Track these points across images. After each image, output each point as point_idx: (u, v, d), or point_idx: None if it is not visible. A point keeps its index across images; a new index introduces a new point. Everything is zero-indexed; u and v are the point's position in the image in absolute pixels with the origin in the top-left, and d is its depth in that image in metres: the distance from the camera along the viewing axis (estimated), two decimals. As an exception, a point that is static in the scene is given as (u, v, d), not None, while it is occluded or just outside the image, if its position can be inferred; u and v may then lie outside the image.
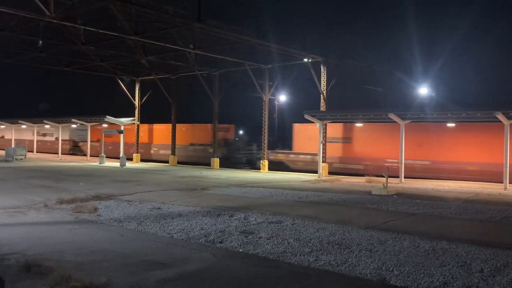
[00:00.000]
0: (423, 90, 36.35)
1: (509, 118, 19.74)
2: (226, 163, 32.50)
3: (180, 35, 23.54)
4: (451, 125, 23.86)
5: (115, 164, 32.09)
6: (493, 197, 16.79)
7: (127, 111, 36.86)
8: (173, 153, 34.59)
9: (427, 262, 7.18)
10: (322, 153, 25.46)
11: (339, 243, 8.43)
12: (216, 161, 31.06)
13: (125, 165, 30.93)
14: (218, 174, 25.95)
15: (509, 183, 19.82)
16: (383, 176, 18.05)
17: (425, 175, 24.74)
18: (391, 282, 6.24)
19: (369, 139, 28.09)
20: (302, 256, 7.52)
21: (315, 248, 8.08)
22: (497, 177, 21.19)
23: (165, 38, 23.32)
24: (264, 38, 23.20)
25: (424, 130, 25.55)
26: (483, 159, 23.64)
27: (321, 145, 25.40)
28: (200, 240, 8.69)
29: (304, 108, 26.44)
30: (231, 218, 11.04)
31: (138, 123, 36.49)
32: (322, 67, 26.61)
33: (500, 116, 19.36)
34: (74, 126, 42.01)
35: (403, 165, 22.97)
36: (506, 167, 19.93)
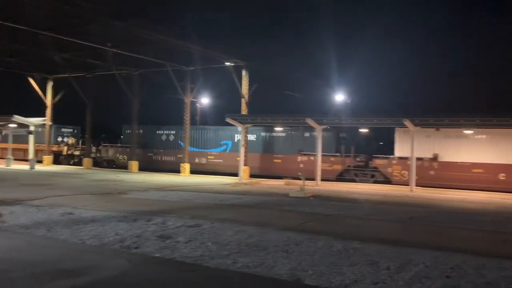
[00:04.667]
0: (339, 97, 38.05)
1: (415, 124, 21.29)
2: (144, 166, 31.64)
3: (98, 32, 22.55)
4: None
5: (25, 167, 30.00)
6: (400, 198, 17.97)
7: (38, 111, 34.64)
8: (88, 155, 33.05)
9: (340, 262, 7.49)
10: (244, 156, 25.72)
11: (257, 245, 8.53)
12: (134, 164, 30.12)
13: (34, 168, 29.02)
14: (136, 177, 25.21)
15: (415, 185, 21.35)
16: (301, 179, 18.65)
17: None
18: (306, 282, 6.43)
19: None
20: (220, 259, 7.50)
21: (233, 250, 8.10)
22: None
23: (82, 35, 22.24)
24: (187, 40, 22.99)
25: None
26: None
27: (242, 148, 25.63)
28: (115, 246, 8.35)
29: (227, 111, 26.65)
30: (148, 222, 10.75)
31: (50, 123, 34.42)
32: (244, 72, 26.90)
33: (407, 123, 20.83)
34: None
35: (319, 168, 23.85)
36: (413, 171, 21.43)
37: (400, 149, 24.93)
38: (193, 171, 28.94)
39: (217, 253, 7.93)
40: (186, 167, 28.35)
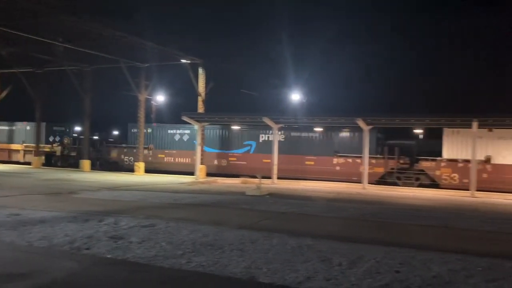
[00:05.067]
0: (295, 96, 38.49)
1: (368, 124, 21.87)
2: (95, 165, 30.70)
3: (48, 26, 21.70)
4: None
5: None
6: (353, 196, 18.40)
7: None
8: (38, 154, 31.79)
9: (294, 259, 7.57)
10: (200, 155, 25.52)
11: (212, 244, 8.49)
12: (86, 163, 29.26)
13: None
14: (88, 177, 24.50)
15: (368, 183, 21.93)
16: (257, 177, 18.74)
17: None
18: (260, 280, 6.45)
19: None
20: (174, 259, 7.41)
21: (188, 250, 8.02)
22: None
23: (30, 29, 21.34)
24: (141, 36, 22.55)
25: None
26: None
27: (199, 147, 25.44)
28: (64, 247, 8.07)
29: (184, 110, 26.32)
30: (100, 223, 10.46)
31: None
32: (200, 69, 26.70)
33: (360, 122, 21.36)
34: None
35: (276, 166, 24.04)
36: (366, 169, 22.00)
37: (449, 151, 23.44)
38: (211, 174, 27.22)
39: (172, 253, 7.82)
40: (140, 166, 27.84)
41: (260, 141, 27.87)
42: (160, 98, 44.35)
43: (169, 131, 30.75)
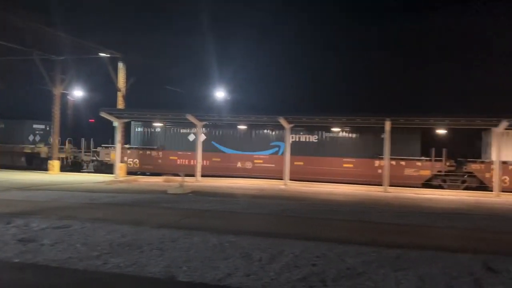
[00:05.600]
0: (220, 94, 38.45)
1: (289, 122, 22.42)
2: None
3: None
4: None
5: None
6: (276, 192, 18.77)
7: None
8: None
9: (214, 256, 7.56)
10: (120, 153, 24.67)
11: (130, 244, 8.23)
12: (55, 164, 26.74)
13: None
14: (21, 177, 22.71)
15: (289, 179, 22.45)
16: (180, 176, 18.49)
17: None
18: (179, 279, 6.37)
19: None
20: (90, 261, 7.09)
21: (104, 251, 7.71)
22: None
23: None
24: (56, 26, 21.29)
25: None
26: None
27: (118, 144, 24.58)
28: (-35, 253, 7.42)
29: (105, 106, 25.23)
30: (8, 225, 9.74)
31: None
32: (121, 64, 25.81)
33: (282, 120, 21.86)
34: None
35: (200, 164, 23.88)
36: (287, 165, 22.53)
37: (498, 153, 22.34)
38: (235, 176, 25.21)
39: (87, 254, 7.48)
40: (55, 164, 26.31)
41: (290, 141, 25.27)
42: (78, 93, 42.26)
43: (181, 131, 27.81)
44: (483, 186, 22.63)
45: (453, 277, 6.67)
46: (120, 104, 25.85)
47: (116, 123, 24.37)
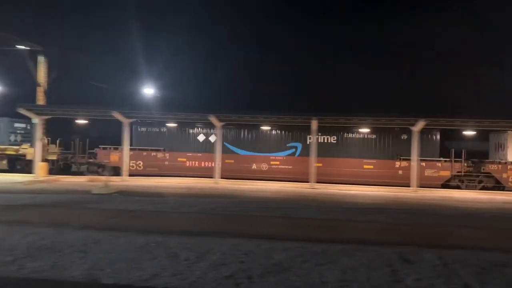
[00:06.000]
0: (149, 91, 37.57)
1: (220, 120, 22.41)
2: None
3: None
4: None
5: None
6: (205, 190, 18.70)
7: None
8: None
9: (140, 257, 7.38)
10: (40, 152, 23.32)
11: (50, 247, 7.82)
12: (42, 167, 24.07)
13: None
14: None
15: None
16: (106, 175, 17.85)
17: None
18: (102, 281, 6.15)
19: None
20: (3, 267, 6.64)
21: (20, 255, 7.26)
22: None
23: None
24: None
25: None
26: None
27: (39, 142, 23.23)
28: None
29: (25, 101, 23.67)
30: None
31: None
32: (41, 57, 24.41)
33: (213, 119, 21.80)
34: None
35: (126, 163, 23.20)
36: (218, 164, 22.51)
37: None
38: (248, 178, 24.16)
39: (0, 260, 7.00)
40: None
41: (308, 142, 25.21)
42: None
43: (190, 131, 26.59)
44: (499, 186, 23.62)
45: (372, 269, 7.02)
46: (41, 100, 24.48)
47: (36, 120, 23.01)
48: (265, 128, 25.86)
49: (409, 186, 21.57)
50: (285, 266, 7.01)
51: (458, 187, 24.02)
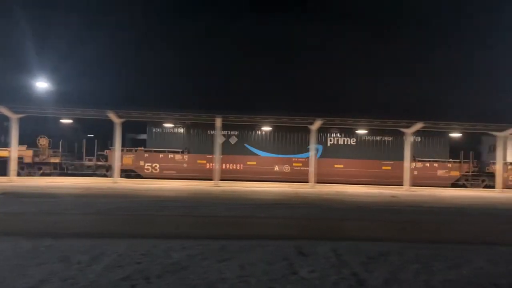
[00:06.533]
0: (42, 84, 35.01)
1: (120, 117, 21.57)
2: None
3: None
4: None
5: None
6: (104, 190, 17.92)
7: None
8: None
9: (27, 262, 6.84)
10: None
11: None
12: None
13: None
14: None
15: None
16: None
17: None
18: (-20, 292, 5.60)
19: None
20: None
21: None
22: None
23: None
24: None
25: None
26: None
27: None
28: None
29: None
30: None
31: None
32: None
33: (111, 115, 20.92)
34: None
35: (15, 161, 21.45)
36: (118, 162, 21.67)
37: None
38: (266, 180, 23.70)
39: None
40: None
41: (329, 144, 25.41)
42: None
43: (209, 132, 24.94)
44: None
45: (270, 263, 7.22)
46: None
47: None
48: (285, 129, 25.76)
49: (425, 186, 23.88)
50: (184, 264, 6.91)
51: (463, 186, 26.51)
